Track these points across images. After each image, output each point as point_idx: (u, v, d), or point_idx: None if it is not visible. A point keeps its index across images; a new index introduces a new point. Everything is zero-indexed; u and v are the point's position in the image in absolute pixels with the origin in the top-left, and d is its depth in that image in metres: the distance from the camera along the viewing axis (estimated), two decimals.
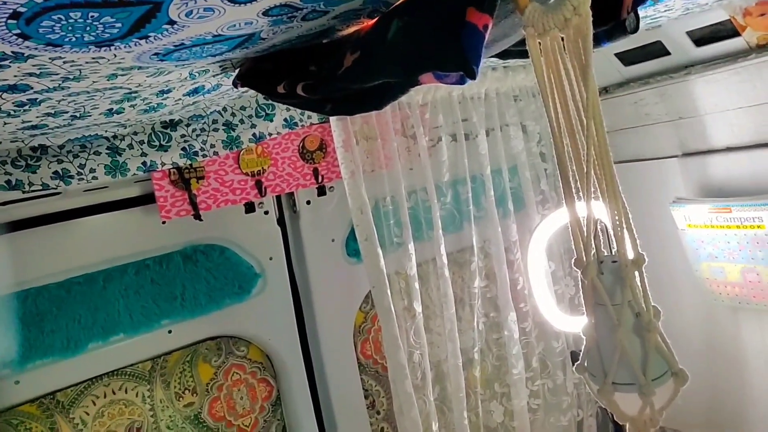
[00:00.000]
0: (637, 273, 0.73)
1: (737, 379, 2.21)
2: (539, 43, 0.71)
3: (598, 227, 0.75)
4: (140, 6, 0.61)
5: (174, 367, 1.88)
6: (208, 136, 1.61)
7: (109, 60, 0.77)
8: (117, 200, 1.71)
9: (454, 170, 2.12)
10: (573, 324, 2.13)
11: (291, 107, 1.74)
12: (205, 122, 1.61)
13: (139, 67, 0.86)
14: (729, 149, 2.03)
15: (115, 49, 0.73)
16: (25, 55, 0.68)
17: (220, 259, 1.91)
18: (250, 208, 1.90)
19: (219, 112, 1.63)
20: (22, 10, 0.56)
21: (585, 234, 0.74)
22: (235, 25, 0.76)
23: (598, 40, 0.99)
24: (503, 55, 1.04)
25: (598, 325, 0.75)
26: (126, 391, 1.80)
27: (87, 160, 1.45)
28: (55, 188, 1.42)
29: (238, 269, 1.94)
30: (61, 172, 1.41)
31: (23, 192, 1.39)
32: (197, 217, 1.74)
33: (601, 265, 0.75)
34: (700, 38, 1.91)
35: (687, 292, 2.26)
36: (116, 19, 0.63)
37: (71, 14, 0.59)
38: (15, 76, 0.76)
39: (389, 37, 0.76)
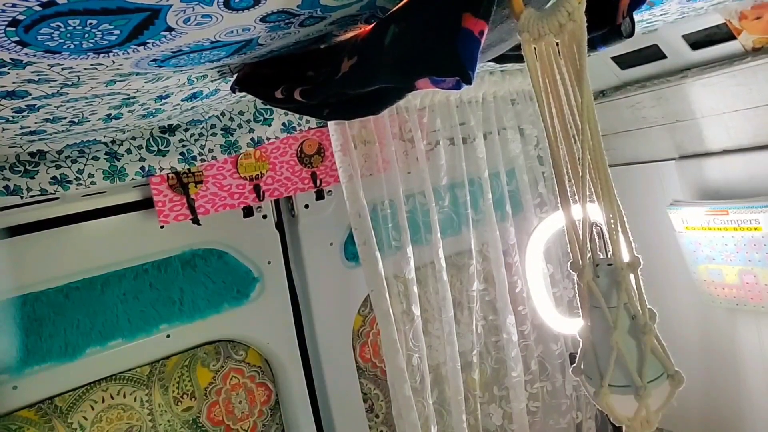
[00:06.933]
0: (632, 275, 0.73)
1: (734, 381, 2.22)
2: (534, 48, 0.72)
3: (594, 230, 0.76)
4: (138, 13, 0.61)
5: (172, 372, 1.88)
6: (206, 140, 1.62)
7: (107, 66, 0.78)
8: (115, 205, 1.71)
9: (452, 174, 2.12)
10: (571, 326, 2.14)
11: (289, 112, 1.74)
12: (203, 127, 1.62)
13: (138, 73, 0.87)
14: (725, 152, 2.04)
15: (114, 55, 0.73)
16: (24, 62, 0.69)
17: (218, 264, 1.91)
18: (248, 212, 1.91)
19: (217, 116, 1.63)
20: (21, 17, 0.56)
21: (581, 237, 0.75)
22: (232, 32, 0.76)
23: (594, 45, 1.00)
24: (500, 59, 1.04)
25: (594, 328, 0.76)
26: (124, 396, 1.79)
27: (85, 165, 1.46)
28: (54, 193, 1.42)
29: (236, 273, 1.94)
30: (59, 178, 1.42)
31: (21, 197, 1.39)
32: (195, 221, 1.74)
33: (596, 268, 0.75)
34: (696, 42, 1.92)
35: (684, 294, 2.26)
36: (114, 26, 0.63)
37: (70, 22, 0.59)
38: (14, 82, 0.76)
39: (386, 42, 0.77)
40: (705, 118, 2.04)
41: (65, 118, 1.06)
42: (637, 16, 1.41)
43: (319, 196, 2.00)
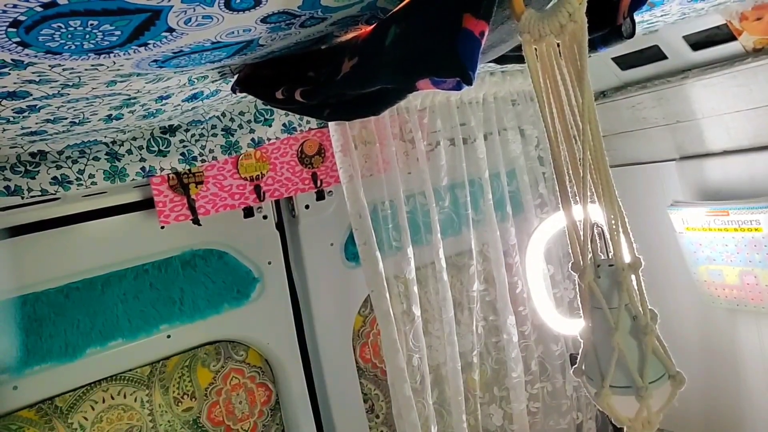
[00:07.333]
0: (633, 276, 0.73)
1: (735, 381, 2.22)
2: (535, 48, 0.72)
3: (595, 231, 0.76)
4: (139, 14, 0.61)
5: (173, 372, 1.88)
6: (206, 141, 1.62)
7: (108, 67, 0.78)
8: (116, 205, 1.71)
9: (452, 174, 2.12)
10: (572, 327, 2.14)
11: (289, 112, 1.74)
12: (203, 127, 1.62)
13: (138, 74, 0.87)
14: (726, 152, 2.04)
15: (115, 56, 0.73)
16: (25, 62, 0.69)
17: (218, 264, 1.91)
18: (248, 212, 1.91)
19: (218, 117, 1.63)
20: (22, 18, 0.56)
21: (582, 238, 0.75)
22: (233, 32, 0.76)
23: (594, 46, 1.00)
24: (500, 60, 1.04)
25: (595, 329, 0.76)
26: (125, 396, 1.79)
27: (86, 165, 1.46)
28: (54, 194, 1.43)
29: (236, 274, 1.94)
30: (60, 178, 1.42)
31: (22, 198, 1.39)
32: (196, 221, 1.74)
33: (597, 269, 0.75)
34: (697, 42, 1.92)
35: (685, 295, 2.26)
36: (115, 27, 0.63)
37: (71, 22, 0.59)
38: (14, 83, 0.76)
39: (387, 43, 0.77)
40: (705, 118, 2.04)
41: (66, 118, 1.06)
42: (637, 17, 1.41)
43: (320, 196, 2.00)
